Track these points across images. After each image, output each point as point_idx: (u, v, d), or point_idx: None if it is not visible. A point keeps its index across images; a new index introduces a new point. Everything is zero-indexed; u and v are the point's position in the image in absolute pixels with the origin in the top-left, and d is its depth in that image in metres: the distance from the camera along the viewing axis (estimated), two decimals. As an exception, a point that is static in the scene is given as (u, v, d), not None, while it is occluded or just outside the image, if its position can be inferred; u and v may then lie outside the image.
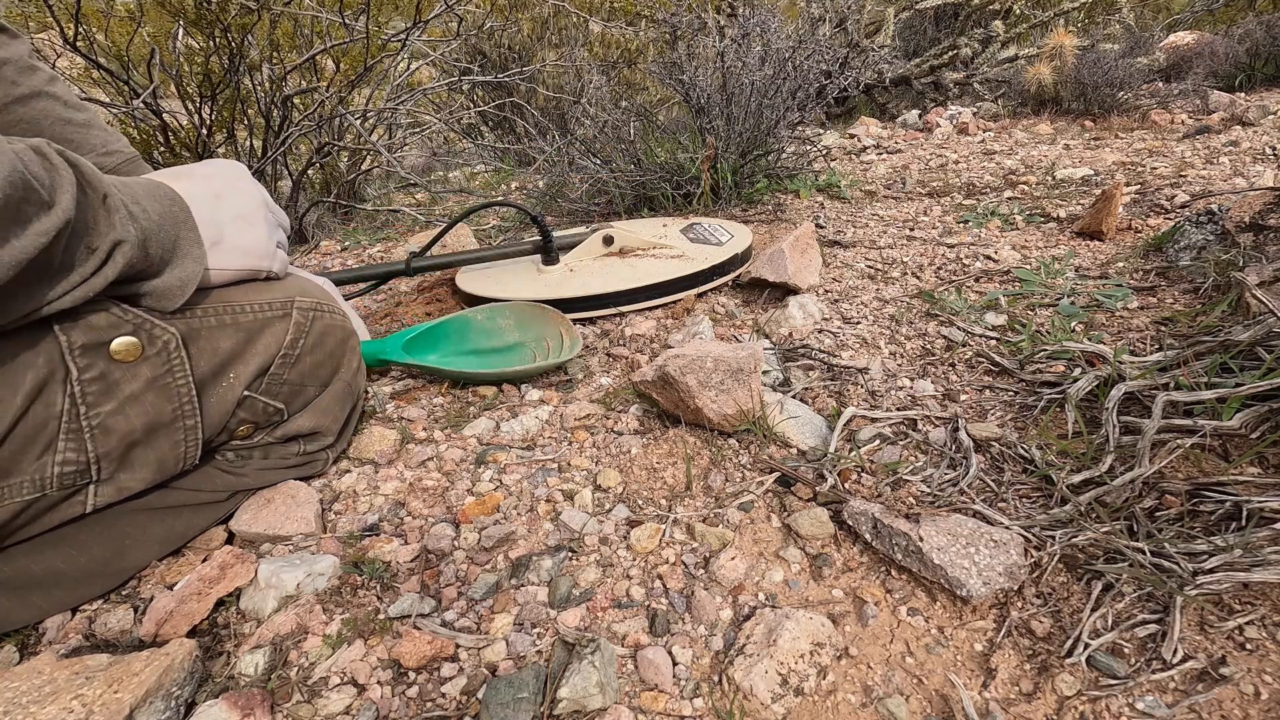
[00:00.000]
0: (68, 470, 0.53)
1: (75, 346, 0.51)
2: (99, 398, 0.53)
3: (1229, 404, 0.66)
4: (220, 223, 0.62)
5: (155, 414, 0.57)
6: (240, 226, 0.64)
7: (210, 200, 0.62)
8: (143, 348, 0.55)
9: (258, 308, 0.64)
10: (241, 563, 0.61)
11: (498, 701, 0.47)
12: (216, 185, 0.64)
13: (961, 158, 2.19)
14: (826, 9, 3.23)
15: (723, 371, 0.76)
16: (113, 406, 0.54)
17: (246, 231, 0.65)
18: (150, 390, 0.56)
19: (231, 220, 0.64)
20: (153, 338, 0.56)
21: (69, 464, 0.53)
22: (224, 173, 0.67)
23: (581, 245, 1.24)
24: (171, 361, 0.57)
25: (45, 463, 0.51)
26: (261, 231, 0.66)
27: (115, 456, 0.55)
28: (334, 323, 0.71)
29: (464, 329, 0.98)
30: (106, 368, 0.53)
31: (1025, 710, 0.47)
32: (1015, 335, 0.97)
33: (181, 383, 0.58)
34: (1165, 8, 4.85)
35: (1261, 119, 2.19)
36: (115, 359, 0.54)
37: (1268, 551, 0.52)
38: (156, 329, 0.56)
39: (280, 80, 1.73)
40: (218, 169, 0.67)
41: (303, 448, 0.72)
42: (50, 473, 0.52)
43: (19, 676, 0.46)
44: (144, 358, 0.55)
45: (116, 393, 0.54)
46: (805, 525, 0.64)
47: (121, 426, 0.55)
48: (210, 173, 0.66)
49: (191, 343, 0.59)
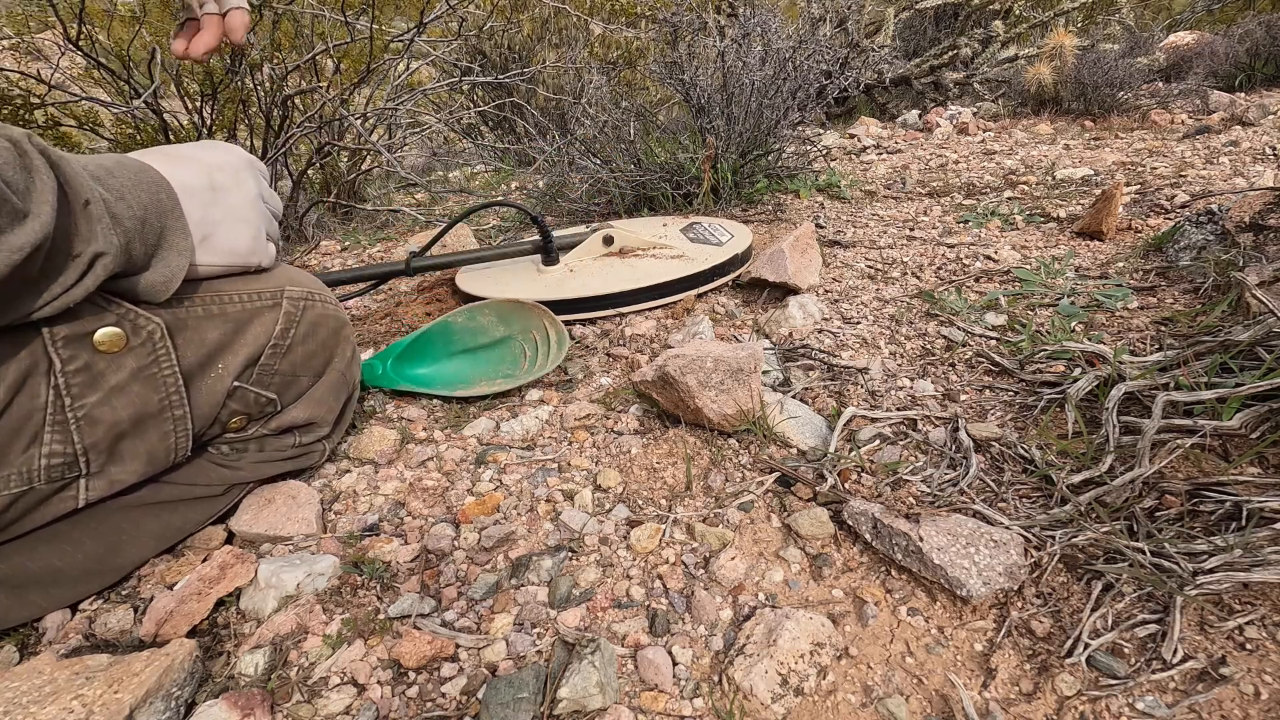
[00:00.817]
0: (55, 462, 0.52)
1: (58, 338, 0.51)
2: (84, 389, 0.52)
3: (1229, 404, 0.66)
4: (213, 219, 0.61)
5: (142, 405, 0.56)
6: (232, 223, 0.63)
7: (204, 193, 0.61)
8: (127, 338, 0.54)
9: (246, 298, 0.63)
10: (241, 563, 0.61)
11: (498, 701, 0.47)
12: (213, 175, 0.62)
13: (961, 158, 2.19)
14: (826, 9, 3.23)
15: (723, 371, 0.76)
16: (98, 397, 0.53)
17: (238, 228, 0.63)
18: (136, 381, 0.55)
19: (224, 216, 0.62)
20: (137, 328, 0.55)
21: (55, 456, 0.52)
22: (221, 160, 0.64)
23: (581, 245, 1.24)
24: (157, 352, 0.56)
25: (32, 455, 0.51)
26: (253, 227, 0.65)
27: (103, 448, 0.55)
28: (326, 312, 0.70)
29: (446, 333, 0.98)
30: (90, 359, 0.53)
31: (1025, 710, 0.47)
32: (1015, 335, 0.97)
33: (168, 373, 0.57)
34: (1165, 8, 4.85)
35: (1261, 119, 2.19)
36: (99, 350, 0.53)
37: (1268, 551, 0.52)
38: (140, 319, 0.55)
39: (281, 80, 1.73)
40: (215, 155, 0.64)
41: (298, 439, 0.71)
42: (37, 465, 0.51)
43: (19, 676, 0.46)
44: (128, 348, 0.54)
45: (101, 384, 0.53)
46: (805, 525, 0.64)
47: (108, 417, 0.54)
48: (210, 160, 0.63)
49: (178, 333, 0.58)
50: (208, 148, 0.65)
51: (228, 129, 1.75)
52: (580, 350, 1.05)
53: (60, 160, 0.46)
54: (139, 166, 0.56)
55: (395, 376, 0.91)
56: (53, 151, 0.46)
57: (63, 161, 0.46)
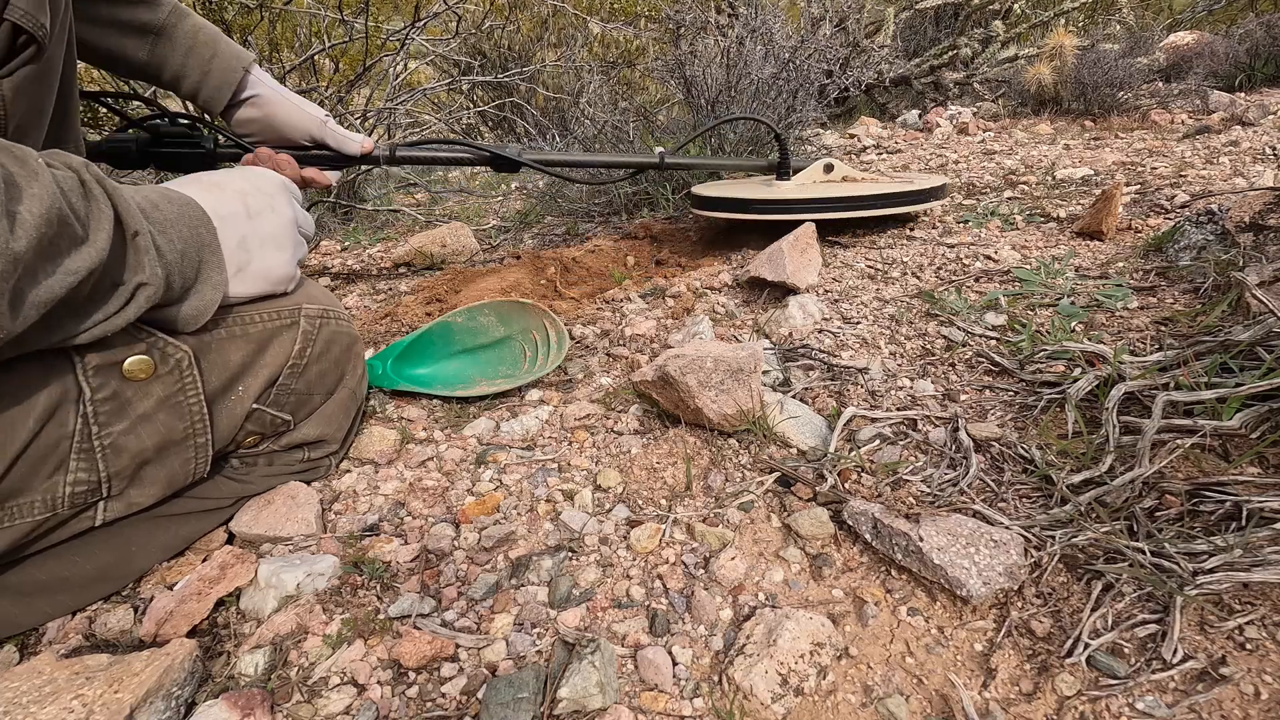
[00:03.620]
0: (79, 490, 0.52)
1: (89, 367, 0.51)
2: (110, 417, 0.53)
3: (1229, 404, 0.66)
4: (249, 248, 0.61)
5: (167, 433, 0.56)
6: (267, 250, 0.63)
7: (241, 221, 0.61)
8: (155, 366, 0.54)
9: (266, 316, 0.64)
10: (241, 563, 0.61)
11: (498, 701, 0.47)
12: (249, 200, 0.63)
13: (961, 158, 2.19)
14: (826, 9, 3.23)
15: (723, 371, 0.76)
16: (124, 426, 0.53)
17: (273, 255, 0.64)
18: (162, 409, 0.56)
19: (260, 244, 0.62)
20: (165, 355, 0.55)
21: (80, 484, 0.52)
22: (258, 186, 0.65)
23: (807, 170, 1.40)
24: (184, 380, 0.57)
25: (56, 482, 0.51)
26: (287, 254, 0.65)
27: (126, 475, 0.55)
28: (340, 329, 0.71)
29: (446, 333, 0.99)
30: (119, 387, 0.53)
31: (1025, 710, 0.47)
32: (1015, 335, 0.97)
33: (193, 400, 0.58)
34: (1166, 8, 4.85)
35: (1261, 119, 2.19)
36: (128, 378, 0.53)
37: (1268, 551, 0.52)
38: (169, 347, 0.55)
39: (280, 80, 1.73)
40: (252, 182, 0.65)
41: (307, 455, 0.72)
42: (61, 493, 0.51)
43: (19, 676, 0.46)
44: (156, 376, 0.55)
45: (128, 412, 0.54)
46: (805, 525, 0.64)
47: (133, 445, 0.54)
48: (244, 187, 0.64)
49: (203, 357, 0.58)
50: (242, 174, 0.66)
51: (227, 129, 1.75)
52: (580, 350, 1.05)
53: (115, 190, 0.47)
54: (183, 200, 0.56)
55: (395, 376, 0.91)
56: (108, 181, 0.47)
57: (117, 192, 0.47)
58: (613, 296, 1.24)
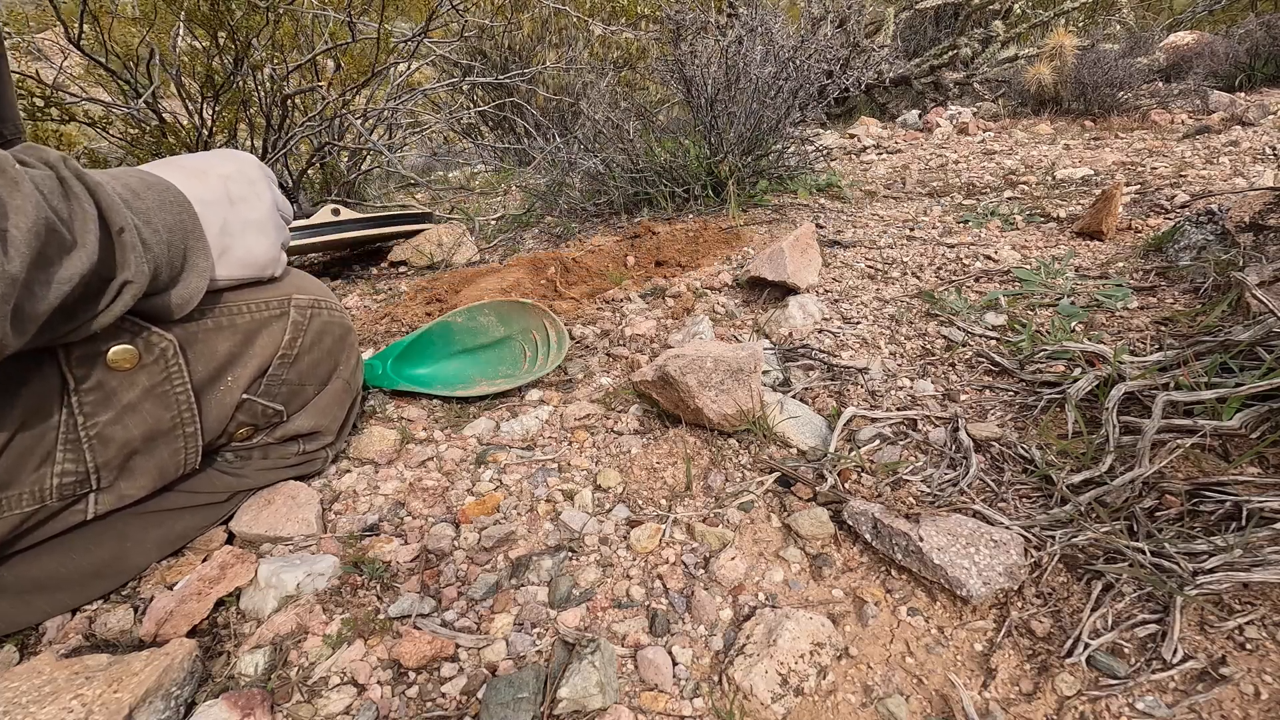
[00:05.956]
0: (67, 481, 0.52)
1: (73, 358, 0.50)
2: (96, 408, 0.52)
3: (1229, 404, 0.66)
4: (231, 232, 0.61)
5: (154, 423, 0.56)
6: (249, 235, 0.62)
7: (223, 206, 0.60)
8: (140, 355, 0.54)
9: (255, 307, 0.63)
10: (241, 563, 0.61)
11: (498, 701, 0.47)
12: (229, 186, 0.62)
13: (961, 158, 2.19)
14: (827, 9, 3.23)
15: (723, 371, 0.76)
16: (110, 416, 0.53)
17: (255, 240, 0.63)
18: (148, 399, 0.55)
19: (241, 229, 0.62)
20: (150, 345, 0.55)
21: (68, 475, 0.52)
22: (239, 171, 0.64)
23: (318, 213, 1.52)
24: (170, 368, 0.56)
25: (44, 474, 0.51)
26: (270, 238, 0.65)
27: (115, 466, 0.55)
28: (332, 319, 0.70)
29: (447, 333, 0.99)
30: (103, 377, 0.52)
31: (1025, 710, 0.47)
32: (1015, 335, 0.97)
33: (180, 390, 0.57)
34: (1166, 8, 4.85)
35: (1261, 119, 2.19)
36: (112, 368, 0.52)
37: (1268, 551, 0.52)
38: (154, 336, 0.55)
39: (282, 80, 1.73)
40: (232, 166, 0.64)
41: (302, 447, 0.71)
42: (49, 484, 0.51)
43: (19, 676, 0.46)
44: (141, 365, 0.54)
45: (114, 402, 0.53)
46: (805, 525, 0.64)
47: (120, 436, 0.54)
48: (226, 171, 0.63)
49: (189, 347, 0.58)
50: (219, 157, 0.65)
51: (228, 129, 1.75)
52: (580, 350, 1.05)
53: (96, 186, 0.46)
54: (163, 186, 0.55)
55: (395, 376, 0.91)
56: (88, 176, 0.46)
57: (98, 188, 0.46)
58: (613, 296, 1.24)
